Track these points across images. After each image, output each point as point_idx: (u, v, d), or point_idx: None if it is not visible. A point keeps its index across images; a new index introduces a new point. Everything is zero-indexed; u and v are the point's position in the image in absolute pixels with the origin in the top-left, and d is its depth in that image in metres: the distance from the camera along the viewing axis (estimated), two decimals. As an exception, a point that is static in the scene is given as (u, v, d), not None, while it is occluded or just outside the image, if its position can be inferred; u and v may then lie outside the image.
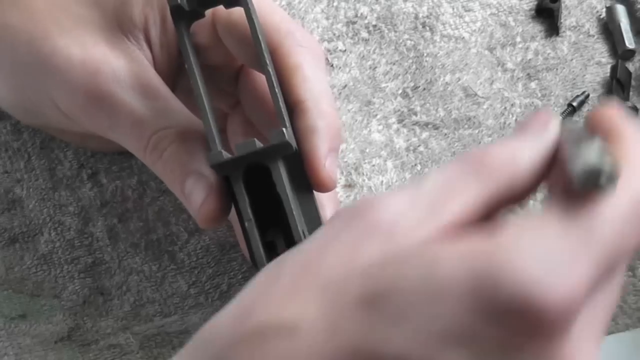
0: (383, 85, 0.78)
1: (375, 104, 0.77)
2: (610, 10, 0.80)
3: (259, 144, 0.55)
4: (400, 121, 0.76)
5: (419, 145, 0.75)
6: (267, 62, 0.58)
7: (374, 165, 0.75)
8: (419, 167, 0.75)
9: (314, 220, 0.57)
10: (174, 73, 0.64)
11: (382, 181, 0.74)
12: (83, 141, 0.72)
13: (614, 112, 0.44)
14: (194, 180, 0.57)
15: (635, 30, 0.80)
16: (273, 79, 0.58)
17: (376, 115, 0.77)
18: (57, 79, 0.61)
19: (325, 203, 0.61)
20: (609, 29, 0.80)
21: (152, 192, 0.73)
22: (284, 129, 0.55)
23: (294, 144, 0.56)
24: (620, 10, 0.79)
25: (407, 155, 0.75)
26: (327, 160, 0.58)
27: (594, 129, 0.44)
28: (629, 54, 0.79)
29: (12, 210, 0.73)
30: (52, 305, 0.70)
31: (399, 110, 0.77)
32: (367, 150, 0.75)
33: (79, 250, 0.72)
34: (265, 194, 0.56)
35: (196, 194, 0.57)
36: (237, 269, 0.71)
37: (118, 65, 0.60)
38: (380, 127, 0.76)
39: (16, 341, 0.68)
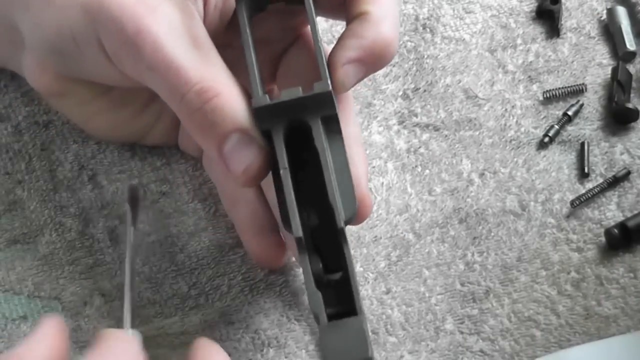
0: (383, 86, 0.78)
1: (375, 106, 0.77)
2: (611, 12, 0.80)
3: (303, 92, 0.57)
4: (400, 123, 0.76)
5: (419, 147, 0.75)
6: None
7: (374, 167, 0.75)
8: (419, 169, 0.75)
9: (348, 193, 0.58)
10: (219, 38, 0.63)
11: (382, 183, 0.74)
12: (93, 121, 0.72)
13: None
14: (239, 138, 0.57)
15: (636, 32, 0.80)
16: (317, 33, 0.59)
17: (377, 116, 0.77)
18: (108, 15, 0.61)
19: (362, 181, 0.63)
20: (609, 31, 0.80)
21: (152, 195, 0.73)
22: (328, 80, 0.57)
23: (336, 104, 0.58)
24: (621, 12, 0.79)
25: (408, 156, 0.75)
26: (346, 65, 0.59)
27: None
28: (630, 56, 0.79)
29: (13, 211, 0.73)
30: (53, 307, 0.70)
31: (399, 111, 0.77)
32: (368, 152, 0.75)
33: (80, 251, 0.72)
34: (301, 169, 0.57)
35: (241, 153, 0.56)
36: (237, 270, 0.71)
37: (171, 12, 0.60)
38: (381, 129, 0.76)
39: (17, 342, 0.68)
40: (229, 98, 0.57)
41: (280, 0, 0.62)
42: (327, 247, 0.56)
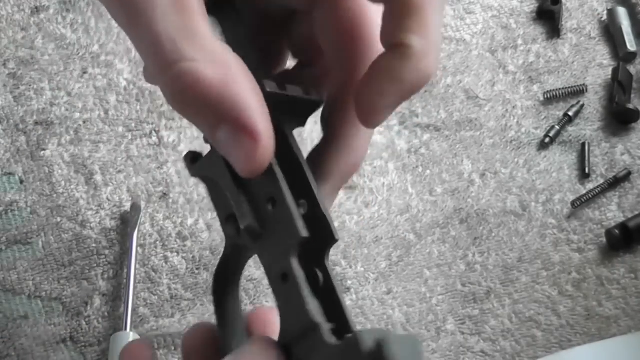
0: (384, 87, 0.78)
1: (376, 106, 0.77)
2: (611, 13, 0.80)
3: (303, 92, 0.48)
4: (401, 123, 0.76)
5: (420, 147, 0.75)
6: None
7: (375, 167, 0.74)
8: (420, 169, 0.74)
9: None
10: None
11: (383, 183, 0.74)
12: None
13: None
14: (230, 129, 0.46)
15: (637, 33, 0.80)
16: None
17: (377, 117, 0.77)
18: None
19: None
20: (610, 32, 0.80)
21: (150, 195, 0.73)
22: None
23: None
24: (622, 13, 0.79)
25: (409, 157, 0.75)
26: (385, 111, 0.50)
27: None
28: (631, 57, 0.79)
29: (12, 212, 0.73)
30: (53, 307, 0.70)
31: (400, 112, 0.77)
32: (369, 152, 0.75)
33: (79, 252, 0.72)
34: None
35: (236, 143, 0.46)
36: (239, 270, 0.71)
37: None
38: (382, 129, 0.76)
39: (18, 342, 0.68)
40: (216, 82, 0.46)
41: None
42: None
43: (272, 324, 0.50)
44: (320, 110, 0.50)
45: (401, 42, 0.47)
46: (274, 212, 0.45)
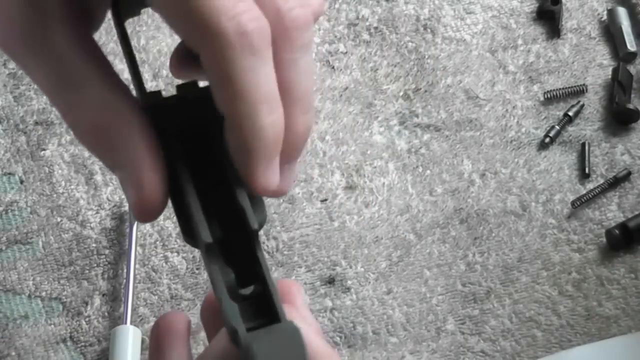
0: (384, 87, 0.78)
1: (376, 106, 0.77)
2: (611, 13, 0.80)
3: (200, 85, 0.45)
4: (401, 123, 0.76)
5: (420, 147, 0.75)
6: None
7: (375, 167, 0.74)
8: (420, 169, 0.74)
9: (257, 197, 0.47)
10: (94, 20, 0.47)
11: (383, 183, 0.74)
12: None
13: None
14: (124, 174, 0.44)
15: (637, 33, 0.80)
16: None
17: (377, 117, 0.77)
18: None
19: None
20: (610, 32, 0.80)
21: (152, 194, 0.73)
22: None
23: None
24: (622, 13, 0.79)
25: (409, 157, 0.75)
26: (263, 176, 0.44)
27: None
28: (631, 57, 0.79)
29: (12, 212, 0.73)
30: (53, 307, 0.70)
31: (400, 112, 0.77)
32: (369, 152, 0.75)
33: (79, 252, 0.72)
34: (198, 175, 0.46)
35: (128, 185, 0.44)
36: (239, 270, 0.71)
37: (15, 13, 0.44)
38: (382, 129, 0.76)
39: (18, 342, 0.68)
40: (99, 128, 0.44)
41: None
42: (238, 258, 0.46)
43: (294, 295, 0.50)
44: None
45: (225, 115, 0.43)
46: (191, 226, 0.45)
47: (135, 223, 0.71)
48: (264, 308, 0.44)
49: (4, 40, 0.45)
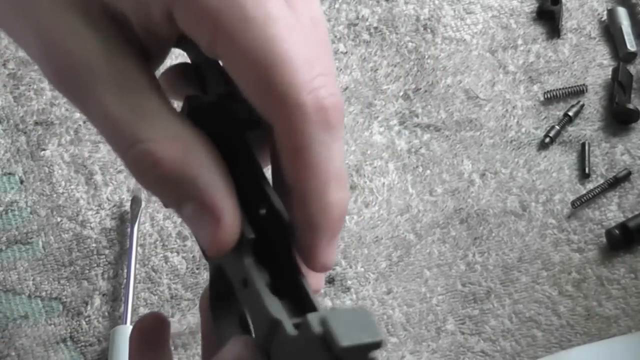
0: (384, 87, 0.78)
1: (376, 106, 0.77)
2: (611, 13, 0.80)
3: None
4: (401, 123, 0.76)
5: (420, 147, 0.75)
6: None
7: (375, 167, 0.75)
8: (420, 169, 0.74)
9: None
10: (154, 58, 0.47)
11: (383, 183, 0.74)
12: None
13: None
14: (195, 207, 0.43)
15: (637, 33, 0.80)
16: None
17: (377, 117, 0.77)
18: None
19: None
20: (610, 32, 0.80)
21: (149, 195, 0.73)
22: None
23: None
24: (622, 13, 0.79)
25: (409, 157, 0.75)
26: (323, 254, 0.45)
27: None
28: (631, 57, 0.79)
29: (12, 212, 0.73)
30: (53, 307, 0.70)
31: (400, 112, 0.77)
32: (369, 152, 0.75)
33: (79, 252, 0.72)
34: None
35: (201, 221, 0.43)
36: (239, 270, 0.71)
37: (91, 47, 0.44)
38: (382, 129, 0.76)
39: (18, 342, 0.68)
40: (175, 161, 0.43)
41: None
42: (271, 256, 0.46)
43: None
44: None
45: (292, 187, 0.44)
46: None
47: (136, 223, 0.71)
48: (297, 303, 0.43)
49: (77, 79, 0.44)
